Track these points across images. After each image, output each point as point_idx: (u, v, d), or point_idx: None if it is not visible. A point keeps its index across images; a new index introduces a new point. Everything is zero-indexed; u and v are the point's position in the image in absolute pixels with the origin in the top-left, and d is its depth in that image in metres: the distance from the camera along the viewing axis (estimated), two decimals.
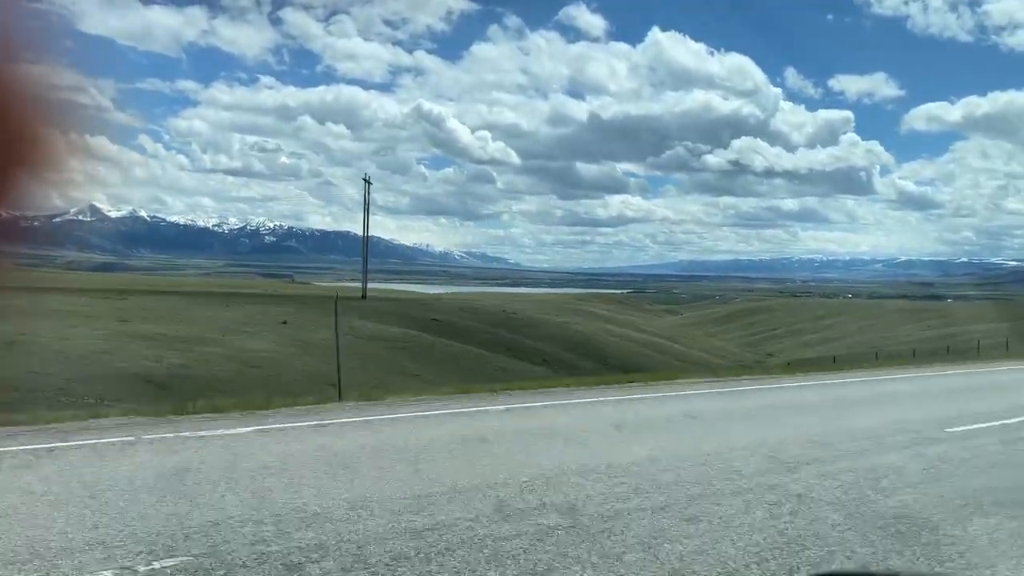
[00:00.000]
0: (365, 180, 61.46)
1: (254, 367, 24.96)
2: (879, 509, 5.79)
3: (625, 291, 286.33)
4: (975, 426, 9.83)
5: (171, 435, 8.03)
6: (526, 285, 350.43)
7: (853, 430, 9.31)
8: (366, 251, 63.74)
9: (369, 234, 62.40)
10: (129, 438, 7.77)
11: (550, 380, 16.76)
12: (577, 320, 61.35)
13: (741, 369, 26.47)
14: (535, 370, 33.76)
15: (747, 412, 11.30)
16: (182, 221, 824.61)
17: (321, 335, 29.67)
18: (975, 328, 52.13)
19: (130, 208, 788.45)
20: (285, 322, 34.59)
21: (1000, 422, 10.20)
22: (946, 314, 77.63)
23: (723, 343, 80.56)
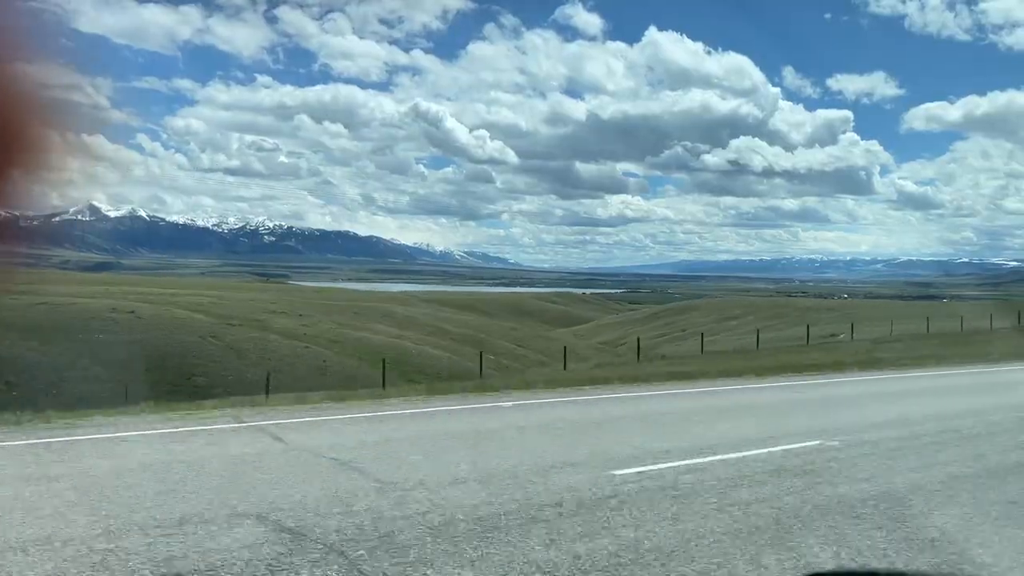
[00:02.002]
0: None
1: None
2: None
3: (619, 290, 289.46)
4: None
5: None
6: (522, 285, 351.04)
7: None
8: None
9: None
10: None
11: None
12: (304, 324, 46.39)
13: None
14: None
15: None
16: (181, 221, 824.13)
17: None
18: (860, 328, 50.96)
19: (129, 207, 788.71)
20: None
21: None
22: (850, 311, 78.03)
23: (586, 346, 72.83)
